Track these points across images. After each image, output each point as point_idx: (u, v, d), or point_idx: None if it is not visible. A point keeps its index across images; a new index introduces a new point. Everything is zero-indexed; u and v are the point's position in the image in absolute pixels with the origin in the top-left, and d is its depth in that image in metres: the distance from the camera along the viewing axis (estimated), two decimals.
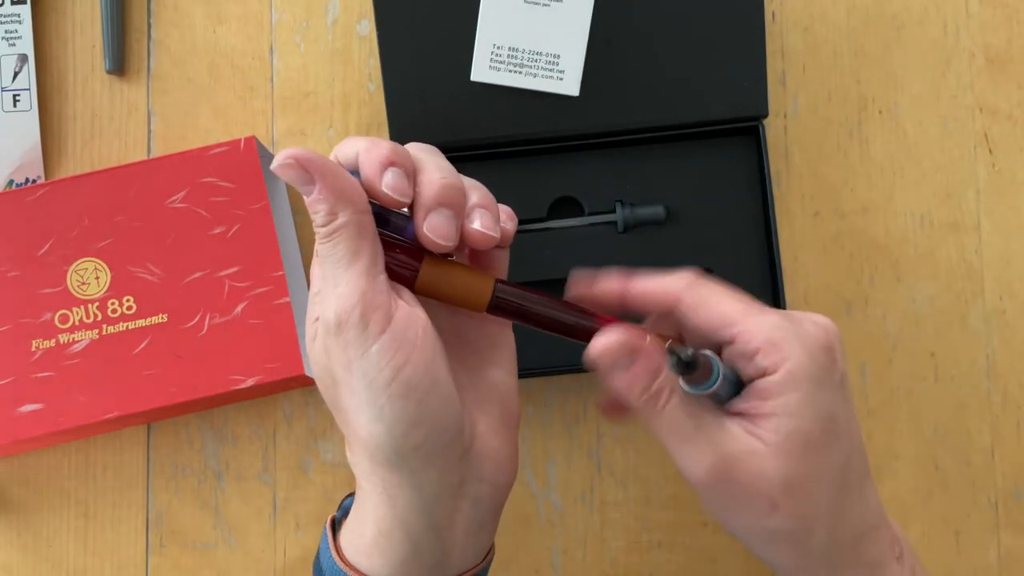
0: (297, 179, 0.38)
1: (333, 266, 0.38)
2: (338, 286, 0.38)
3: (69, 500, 0.58)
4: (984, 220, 0.59)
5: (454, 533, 0.40)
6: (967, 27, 0.60)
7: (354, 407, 0.38)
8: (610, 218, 0.56)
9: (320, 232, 0.38)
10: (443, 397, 0.38)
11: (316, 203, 0.38)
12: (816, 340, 0.39)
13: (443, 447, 0.38)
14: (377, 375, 0.37)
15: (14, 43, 0.59)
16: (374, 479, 0.39)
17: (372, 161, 0.38)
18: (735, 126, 0.55)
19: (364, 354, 0.37)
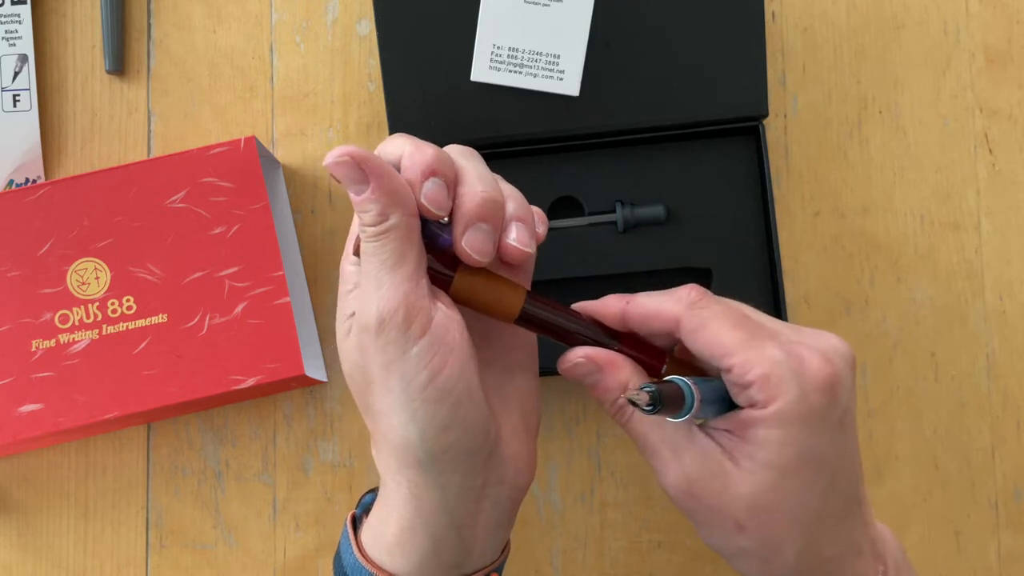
0: (350, 177, 0.37)
1: (378, 267, 0.38)
2: (381, 287, 0.37)
3: (69, 500, 0.58)
4: (984, 220, 0.59)
5: (475, 532, 0.40)
6: (967, 27, 0.60)
7: (387, 407, 0.38)
8: (610, 218, 0.56)
9: (368, 232, 0.38)
10: (474, 402, 0.38)
11: (367, 203, 0.37)
12: (816, 380, 0.38)
13: (471, 451, 0.39)
14: (414, 378, 0.37)
15: (14, 43, 0.59)
16: (399, 478, 0.39)
17: (415, 167, 0.38)
18: (735, 126, 0.55)
19: (404, 356, 0.37)
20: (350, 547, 0.41)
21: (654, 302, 0.41)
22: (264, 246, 0.55)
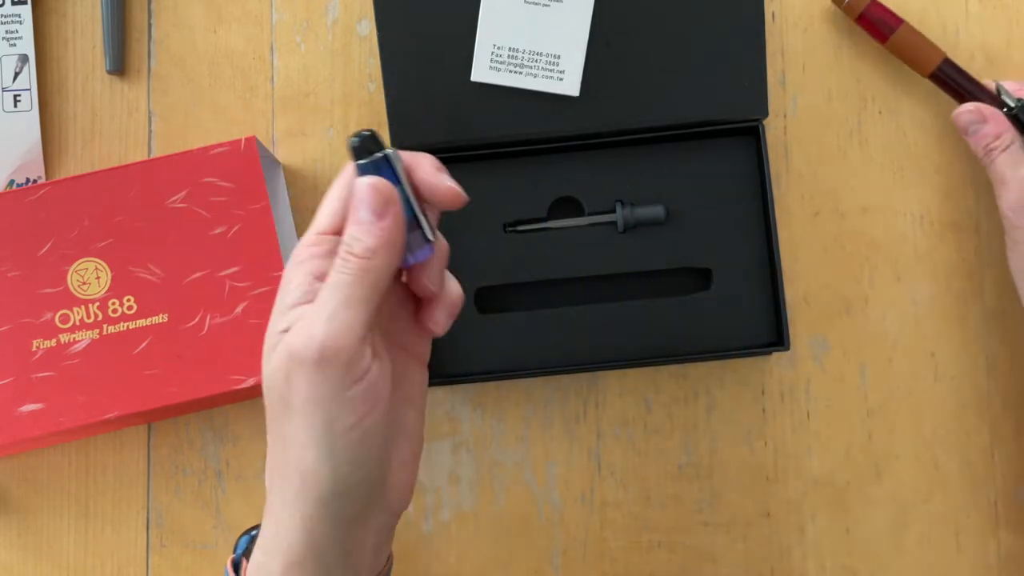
0: (376, 204, 0.38)
1: (341, 300, 0.37)
2: (332, 320, 0.37)
3: (69, 500, 0.58)
4: (984, 220, 0.59)
5: (362, 557, 0.41)
6: (967, 27, 0.60)
7: (304, 440, 0.37)
8: (610, 218, 0.56)
9: (350, 261, 0.38)
10: (385, 443, 0.39)
11: (366, 234, 0.38)
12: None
13: (371, 486, 0.39)
14: (342, 419, 0.37)
15: (15, 43, 0.59)
16: (292, 510, 0.38)
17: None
18: (735, 126, 0.55)
19: (336, 397, 0.37)
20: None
21: None
22: (264, 246, 0.55)
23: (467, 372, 0.55)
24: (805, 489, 0.58)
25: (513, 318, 0.55)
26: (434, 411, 0.58)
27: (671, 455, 0.58)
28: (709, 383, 0.58)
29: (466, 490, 0.58)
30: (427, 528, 0.58)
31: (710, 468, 0.58)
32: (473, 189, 0.55)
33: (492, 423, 0.58)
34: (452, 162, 0.55)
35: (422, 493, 0.58)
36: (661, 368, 0.58)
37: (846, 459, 0.58)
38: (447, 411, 0.58)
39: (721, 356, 0.55)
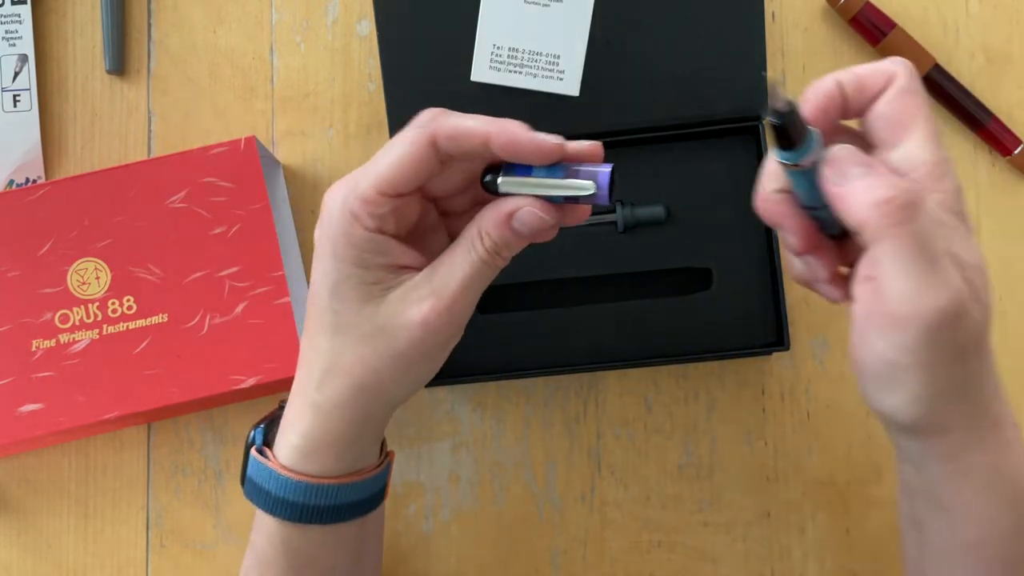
0: (540, 225, 0.40)
1: (465, 275, 0.41)
2: (453, 304, 0.41)
3: (69, 500, 0.58)
4: (984, 220, 0.59)
5: (381, 434, 0.46)
6: (967, 27, 0.60)
7: (386, 370, 0.42)
8: (610, 218, 0.56)
9: (496, 259, 0.41)
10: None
11: (518, 243, 0.41)
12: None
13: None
14: (421, 365, 0.43)
15: (14, 43, 0.59)
16: (338, 407, 0.43)
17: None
18: (735, 126, 0.55)
19: (429, 354, 0.42)
20: (264, 467, 0.44)
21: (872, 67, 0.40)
22: (264, 246, 0.55)
23: (467, 372, 0.55)
24: (805, 489, 0.58)
25: (513, 318, 0.55)
26: (434, 411, 0.58)
27: (671, 455, 0.58)
28: (709, 383, 0.58)
29: (466, 490, 0.58)
30: (427, 528, 0.58)
31: (710, 468, 0.58)
32: None
33: (492, 423, 0.58)
34: None
35: (422, 493, 0.58)
36: (661, 368, 0.58)
37: (846, 459, 0.58)
38: (447, 411, 0.58)
39: (721, 356, 0.55)
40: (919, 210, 0.35)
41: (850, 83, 0.40)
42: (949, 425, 0.38)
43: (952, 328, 0.35)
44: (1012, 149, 0.58)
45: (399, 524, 0.58)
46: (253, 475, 0.45)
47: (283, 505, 0.44)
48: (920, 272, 0.35)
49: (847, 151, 0.37)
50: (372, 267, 0.40)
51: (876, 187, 0.35)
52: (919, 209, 0.35)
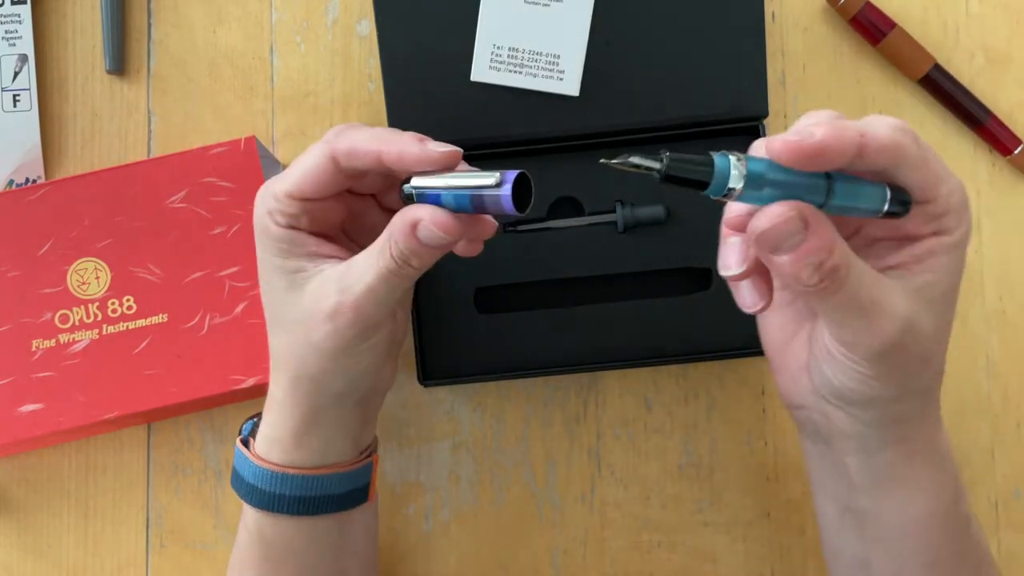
0: (441, 240, 0.40)
1: (378, 278, 0.41)
2: (367, 295, 0.42)
3: (69, 500, 0.58)
4: (984, 220, 0.59)
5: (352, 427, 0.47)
6: (967, 27, 0.60)
7: (316, 362, 0.44)
8: (610, 218, 0.56)
9: (405, 269, 0.41)
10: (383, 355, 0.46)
11: (427, 256, 0.41)
12: (966, 197, 0.39)
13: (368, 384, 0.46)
14: (356, 355, 0.44)
15: (14, 43, 0.59)
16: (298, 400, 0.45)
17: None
18: (735, 126, 0.55)
19: (349, 347, 0.43)
20: (243, 456, 0.47)
21: (885, 133, 0.37)
22: None
23: (467, 372, 0.55)
24: (805, 489, 0.58)
25: (513, 318, 0.55)
26: (434, 411, 0.58)
27: (671, 455, 0.58)
28: (709, 383, 0.58)
29: (466, 490, 0.58)
30: (427, 528, 0.58)
31: (710, 468, 0.58)
32: None
33: (492, 423, 0.58)
34: None
35: (422, 493, 0.58)
36: (661, 368, 0.58)
37: None
38: (447, 411, 0.58)
39: (721, 356, 0.55)
40: (849, 269, 0.36)
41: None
42: (908, 417, 0.42)
43: (900, 350, 0.38)
44: (1012, 149, 0.58)
45: (399, 524, 0.58)
46: (236, 464, 0.47)
47: (255, 493, 0.46)
48: (865, 318, 0.37)
49: (783, 224, 0.35)
50: (291, 256, 0.43)
51: (812, 255, 0.35)
52: (848, 268, 0.36)
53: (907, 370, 0.39)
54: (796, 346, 0.43)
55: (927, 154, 0.38)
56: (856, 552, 0.46)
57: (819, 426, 0.44)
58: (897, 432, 0.42)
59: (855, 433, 0.42)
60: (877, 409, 0.41)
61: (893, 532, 0.44)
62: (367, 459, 0.48)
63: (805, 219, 0.35)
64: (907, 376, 0.40)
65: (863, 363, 0.39)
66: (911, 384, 0.40)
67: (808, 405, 0.44)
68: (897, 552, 0.44)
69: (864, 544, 0.45)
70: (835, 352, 0.39)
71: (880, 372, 0.39)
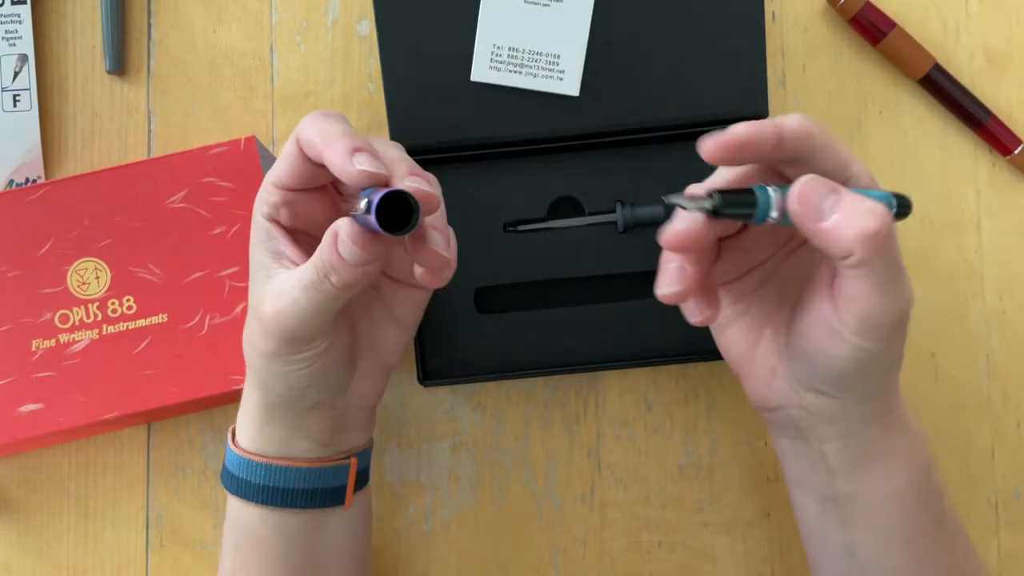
0: (364, 257, 0.40)
1: (307, 295, 0.41)
2: (298, 314, 0.42)
3: (69, 500, 0.58)
4: (984, 220, 0.59)
5: (322, 432, 0.47)
6: (967, 27, 0.60)
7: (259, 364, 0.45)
8: (610, 218, 0.56)
9: (325, 283, 0.41)
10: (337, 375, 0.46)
11: (348, 272, 0.40)
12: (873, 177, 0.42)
13: (321, 394, 0.46)
14: (290, 366, 0.44)
15: (14, 43, 0.59)
16: (257, 396, 0.46)
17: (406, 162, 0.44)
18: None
19: (284, 356, 0.43)
20: (228, 446, 0.48)
21: (797, 123, 0.41)
22: None
23: (467, 372, 0.55)
24: None
25: (513, 318, 0.55)
26: (434, 411, 0.58)
27: (671, 455, 0.58)
28: (709, 383, 0.58)
29: (466, 490, 0.58)
30: (427, 528, 0.58)
31: (710, 468, 0.58)
32: (473, 189, 0.56)
33: (492, 423, 0.58)
34: (452, 162, 0.55)
35: (422, 493, 0.58)
36: (661, 368, 0.58)
37: None
38: (447, 411, 0.58)
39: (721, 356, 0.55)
40: (894, 234, 0.38)
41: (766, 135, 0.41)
42: (888, 389, 0.44)
43: (906, 320, 0.40)
44: (1012, 149, 0.58)
45: (399, 524, 0.58)
46: (225, 451, 0.49)
47: (227, 476, 0.48)
48: (895, 285, 0.39)
49: (812, 185, 0.38)
50: (265, 250, 0.44)
51: (858, 219, 0.37)
52: (894, 233, 0.38)
53: (899, 338, 0.42)
54: (761, 351, 0.45)
55: (833, 140, 0.41)
56: (840, 541, 0.47)
57: (797, 421, 0.45)
58: (878, 407, 0.44)
59: (838, 417, 0.44)
60: (867, 384, 0.43)
61: (875, 510, 0.45)
62: (341, 460, 0.47)
63: (830, 185, 0.38)
64: (898, 344, 0.42)
65: (882, 331, 0.40)
66: (897, 352, 0.42)
67: (785, 404, 0.45)
68: (880, 530, 0.46)
69: (847, 531, 0.46)
70: (847, 330, 0.40)
71: (893, 338, 0.41)
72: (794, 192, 0.38)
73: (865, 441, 0.44)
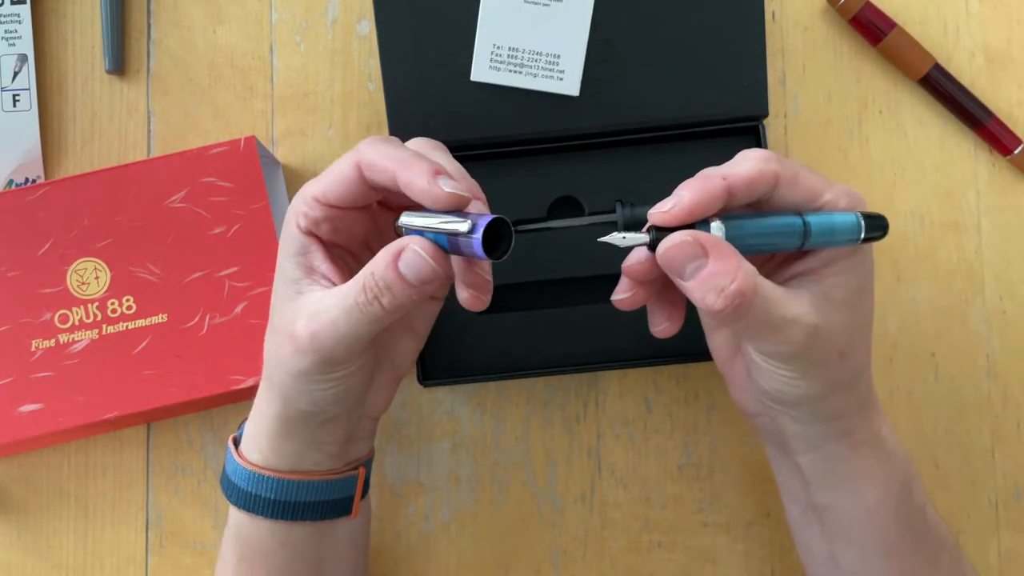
0: (423, 274, 0.40)
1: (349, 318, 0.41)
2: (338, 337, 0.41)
3: (69, 500, 0.58)
4: (984, 220, 0.59)
5: (334, 444, 0.46)
6: (967, 27, 0.60)
7: (285, 381, 0.44)
8: (610, 218, 0.56)
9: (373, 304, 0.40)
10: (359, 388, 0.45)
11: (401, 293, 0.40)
12: (862, 199, 0.42)
13: (340, 410, 0.45)
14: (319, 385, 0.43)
15: (14, 43, 0.59)
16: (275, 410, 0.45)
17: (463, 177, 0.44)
18: (735, 126, 0.55)
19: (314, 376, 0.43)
20: (229, 453, 0.47)
21: (747, 169, 0.40)
22: (264, 246, 0.55)
23: (467, 372, 0.55)
24: None
25: (513, 318, 0.55)
26: (434, 411, 0.58)
27: (671, 455, 0.58)
28: (709, 383, 0.58)
29: (466, 490, 0.58)
30: (427, 528, 0.58)
31: (710, 468, 0.58)
32: None
33: (492, 423, 0.58)
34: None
35: (422, 493, 0.58)
36: (661, 368, 0.58)
37: None
38: (447, 411, 0.58)
39: None
40: (755, 292, 0.38)
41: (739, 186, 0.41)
42: (842, 411, 0.44)
43: (813, 350, 0.41)
44: (1012, 149, 0.58)
45: (399, 524, 0.58)
46: (225, 461, 0.48)
47: (234, 490, 0.47)
48: (771, 335, 0.40)
49: (674, 252, 0.39)
50: (297, 264, 0.43)
51: (706, 295, 0.38)
52: (755, 292, 0.38)
53: (826, 366, 0.42)
54: (739, 359, 0.46)
55: (798, 171, 0.41)
56: (822, 548, 0.48)
57: (771, 431, 0.46)
58: (837, 427, 0.44)
59: (799, 433, 0.45)
60: (809, 407, 0.44)
61: (850, 524, 0.46)
62: (350, 472, 0.47)
63: (702, 245, 0.38)
64: (827, 371, 0.42)
65: (783, 367, 0.42)
66: (833, 378, 0.42)
67: (760, 412, 0.46)
68: (856, 543, 0.46)
69: (827, 539, 0.47)
70: (758, 360, 0.42)
71: (801, 372, 0.42)
72: (660, 250, 0.39)
73: (831, 458, 0.45)
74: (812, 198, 0.41)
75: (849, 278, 0.42)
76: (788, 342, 0.40)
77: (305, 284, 0.43)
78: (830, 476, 0.46)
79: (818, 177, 0.42)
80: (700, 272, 0.38)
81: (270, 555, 0.47)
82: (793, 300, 0.40)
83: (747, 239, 0.40)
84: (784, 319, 0.39)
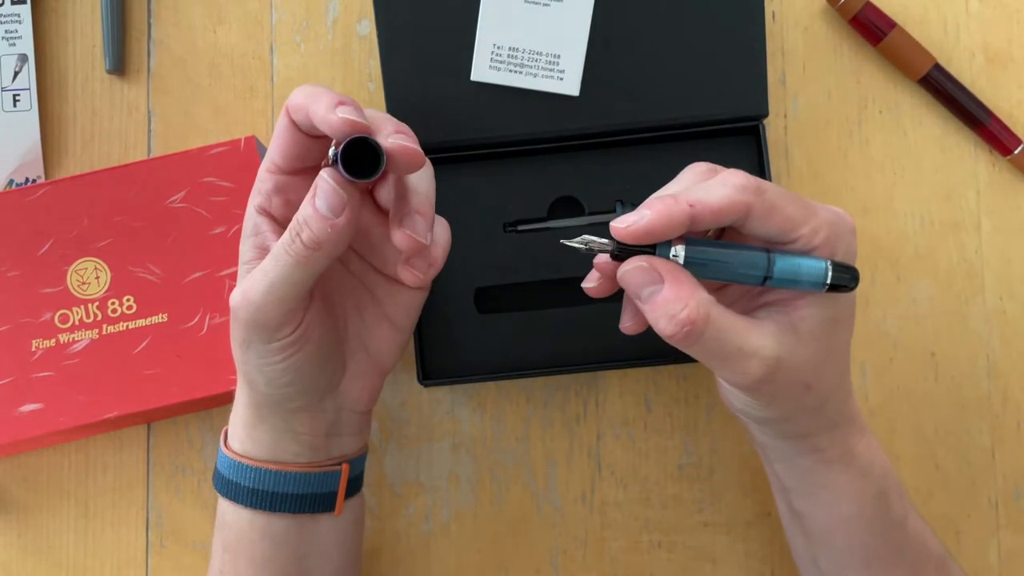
0: (334, 203, 0.40)
1: (277, 270, 0.41)
2: (268, 292, 0.42)
3: (69, 500, 0.58)
4: (984, 220, 0.59)
5: (314, 437, 0.47)
6: (967, 27, 0.60)
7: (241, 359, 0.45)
8: (610, 218, 0.55)
9: (295, 243, 0.41)
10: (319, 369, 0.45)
11: (318, 227, 0.41)
12: (851, 228, 0.42)
13: (307, 393, 0.45)
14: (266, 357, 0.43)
15: (14, 43, 0.59)
16: (246, 397, 0.46)
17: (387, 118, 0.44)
18: (735, 126, 0.55)
19: (261, 344, 0.43)
20: (220, 448, 0.48)
21: (717, 197, 0.39)
22: None
23: (467, 372, 0.55)
24: None
25: (513, 318, 0.55)
26: (434, 411, 0.58)
27: (671, 455, 0.58)
28: (709, 383, 0.58)
29: (466, 490, 0.58)
30: (427, 528, 0.58)
31: (710, 468, 0.58)
32: (473, 189, 0.56)
33: (492, 423, 0.58)
34: (452, 162, 0.55)
35: (422, 493, 0.58)
36: (661, 368, 0.58)
37: None
38: (447, 411, 0.58)
39: None
40: (706, 322, 0.39)
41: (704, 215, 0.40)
42: (808, 431, 0.44)
43: (771, 383, 0.40)
44: (1012, 149, 0.58)
45: (399, 524, 0.58)
46: (218, 454, 0.49)
47: (218, 478, 0.48)
48: (726, 363, 0.40)
49: (631, 276, 0.40)
50: (250, 246, 0.44)
51: (658, 320, 0.39)
52: (706, 321, 0.39)
53: (787, 396, 0.42)
54: None
55: (776, 202, 0.40)
56: (805, 549, 0.49)
57: (751, 435, 0.47)
58: (806, 444, 0.45)
59: (769, 444, 0.46)
60: (773, 426, 0.44)
61: (826, 532, 0.47)
62: (332, 466, 0.47)
63: (658, 272, 0.39)
64: (788, 401, 0.42)
65: (743, 393, 0.42)
66: (794, 407, 0.43)
67: (740, 417, 0.47)
68: (835, 550, 0.47)
69: (808, 542, 0.48)
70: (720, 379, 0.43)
71: (759, 401, 0.42)
72: (620, 272, 0.40)
73: (804, 469, 0.46)
74: (787, 230, 0.40)
75: (820, 311, 0.41)
76: (743, 373, 0.40)
77: (255, 264, 0.43)
78: (803, 486, 0.46)
79: (800, 207, 0.40)
80: (655, 296, 0.39)
81: (250, 545, 0.47)
82: (753, 331, 0.40)
83: (708, 268, 0.40)
84: (740, 350, 0.39)
